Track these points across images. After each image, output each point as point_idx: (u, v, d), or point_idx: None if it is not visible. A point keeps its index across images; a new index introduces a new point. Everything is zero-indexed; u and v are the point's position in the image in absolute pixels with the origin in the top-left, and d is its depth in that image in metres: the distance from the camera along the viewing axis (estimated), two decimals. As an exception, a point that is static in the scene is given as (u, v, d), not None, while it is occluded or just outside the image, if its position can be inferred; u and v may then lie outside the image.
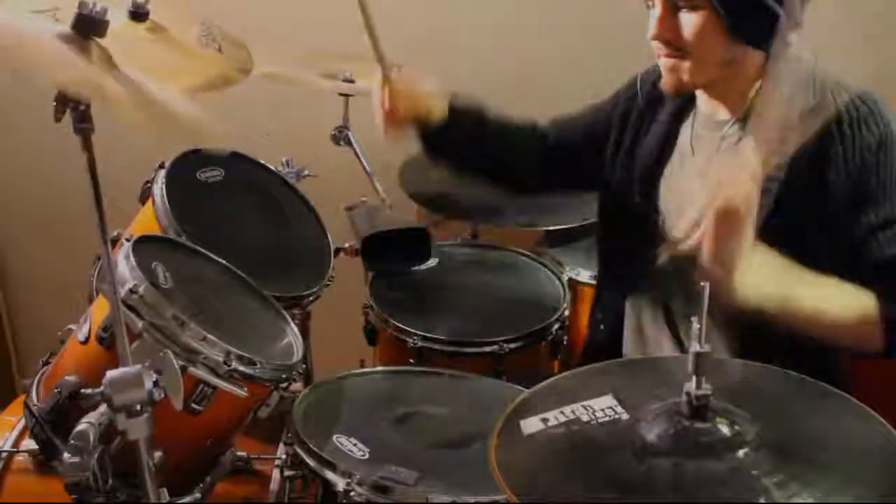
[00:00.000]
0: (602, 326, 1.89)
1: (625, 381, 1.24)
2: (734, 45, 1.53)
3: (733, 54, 1.55)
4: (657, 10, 1.54)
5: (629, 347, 1.84)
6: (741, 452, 1.05)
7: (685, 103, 1.70)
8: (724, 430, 1.08)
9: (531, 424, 1.13)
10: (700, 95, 1.67)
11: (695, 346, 1.09)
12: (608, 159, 1.80)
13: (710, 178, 1.48)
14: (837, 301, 1.47)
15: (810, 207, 1.53)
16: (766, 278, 1.42)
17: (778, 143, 1.43)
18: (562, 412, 1.14)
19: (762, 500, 0.98)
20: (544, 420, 1.13)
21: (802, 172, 1.52)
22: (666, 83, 1.60)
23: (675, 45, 1.55)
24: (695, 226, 1.45)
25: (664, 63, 1.58)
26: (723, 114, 1.64)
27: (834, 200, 1.52)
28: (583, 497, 1.04)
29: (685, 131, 1.70)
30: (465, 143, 1.87)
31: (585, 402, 1.15)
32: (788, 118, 1.45)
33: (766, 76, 1.57)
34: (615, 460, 1.09)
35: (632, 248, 1.74)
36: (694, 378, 1.09)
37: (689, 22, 1.52)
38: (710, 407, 1.09)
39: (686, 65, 1.56)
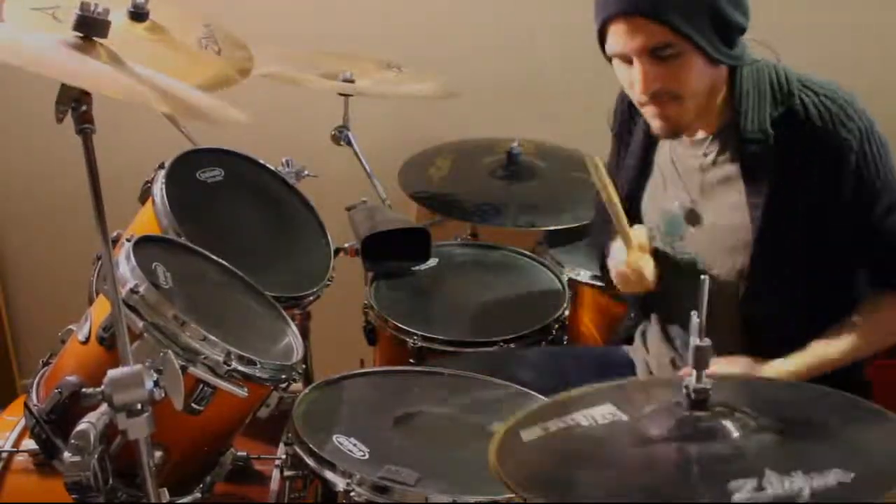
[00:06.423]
0: None
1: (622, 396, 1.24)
2: (714, 69, 1.51)
3: (714, 78, 1.53)
4: (637, 68, 1.48)
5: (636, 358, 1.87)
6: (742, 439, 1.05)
7: None
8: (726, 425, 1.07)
9: (531, 433, 1.13)
10: None
11: (694, 340, 1.09)
12: None
13: None
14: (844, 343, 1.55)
15: (804, 213, 1.52)
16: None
17: None
18: (562, 420, 1.14)
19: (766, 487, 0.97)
20: (545, 428, 1.13)
21: (787, 182, 1.51)
22: (659, 129, 1.56)
23: (664, 92, 1.50)
24: None
25: (652, 111, 1.54)
26: (699, 133, 1.61)
27: (829, 200, 1.50)
28: (586, 490, 1.04)
29: (663, 151, 1.68)
30: None
31: (585, 411, 1.15)
32: None
33: (729, 84, 1.55)
34: (617, 451, 1.09)
35: None
36: (694, 372, 1.09)
37: (677, 67, 1.47)
38: (709, 404, 1.09)
39: (679, 106, 1.51)
